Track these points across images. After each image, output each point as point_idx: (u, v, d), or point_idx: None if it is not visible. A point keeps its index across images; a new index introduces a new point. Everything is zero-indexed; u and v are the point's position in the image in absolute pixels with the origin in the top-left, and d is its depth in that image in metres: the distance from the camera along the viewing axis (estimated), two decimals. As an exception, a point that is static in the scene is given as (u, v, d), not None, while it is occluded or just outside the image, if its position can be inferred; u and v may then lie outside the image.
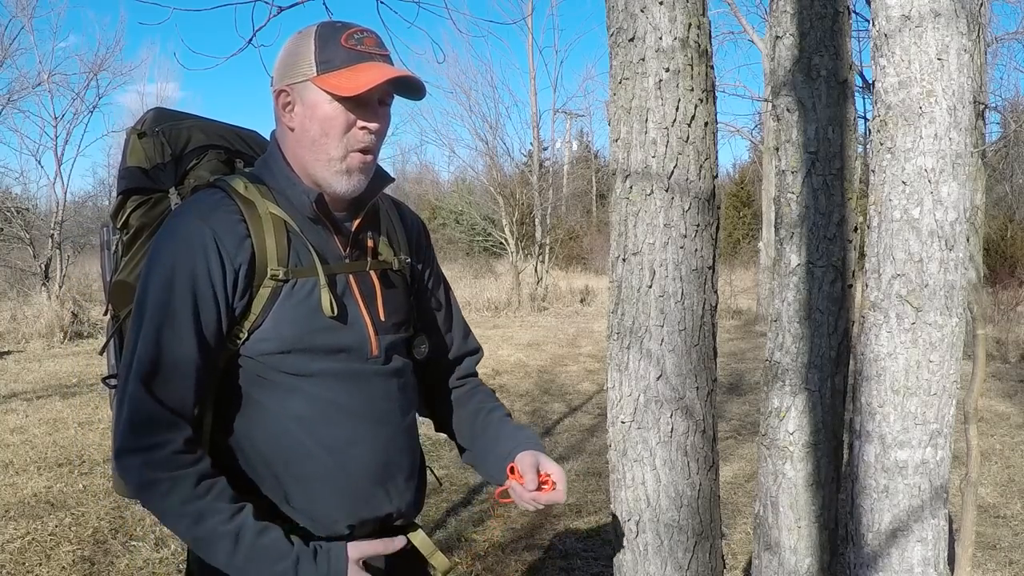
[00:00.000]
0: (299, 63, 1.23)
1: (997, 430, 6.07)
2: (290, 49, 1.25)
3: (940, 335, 1.32)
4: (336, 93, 1.20)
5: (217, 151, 1.44)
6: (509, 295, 15.81)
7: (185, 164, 1.40)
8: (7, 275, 13.61)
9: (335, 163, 1.24)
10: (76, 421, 6.00)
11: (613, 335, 1.71)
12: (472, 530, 3.91)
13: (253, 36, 2.78)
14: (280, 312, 1.21)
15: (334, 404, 1.26)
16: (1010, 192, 18.06)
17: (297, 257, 1.24)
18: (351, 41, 1.23)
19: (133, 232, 1.39)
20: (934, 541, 1.37)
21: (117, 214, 1.40)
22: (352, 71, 1.21)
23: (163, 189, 1.39)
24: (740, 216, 27.61)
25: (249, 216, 1.21)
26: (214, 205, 1.21)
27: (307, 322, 1.22)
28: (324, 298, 1.22)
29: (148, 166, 1.38)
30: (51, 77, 13.15)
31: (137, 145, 1.39)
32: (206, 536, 1.15)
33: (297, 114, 1.24)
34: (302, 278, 1.23)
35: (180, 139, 1.41)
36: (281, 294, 1.22)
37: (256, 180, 1.27)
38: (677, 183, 1.62)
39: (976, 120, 1.91)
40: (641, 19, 1.60)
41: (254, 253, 1.20)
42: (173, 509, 1.15)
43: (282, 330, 1.22)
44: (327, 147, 1.23)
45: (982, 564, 3.63)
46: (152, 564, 3.47)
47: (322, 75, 1.21)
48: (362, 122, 1.24)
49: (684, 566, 1.67)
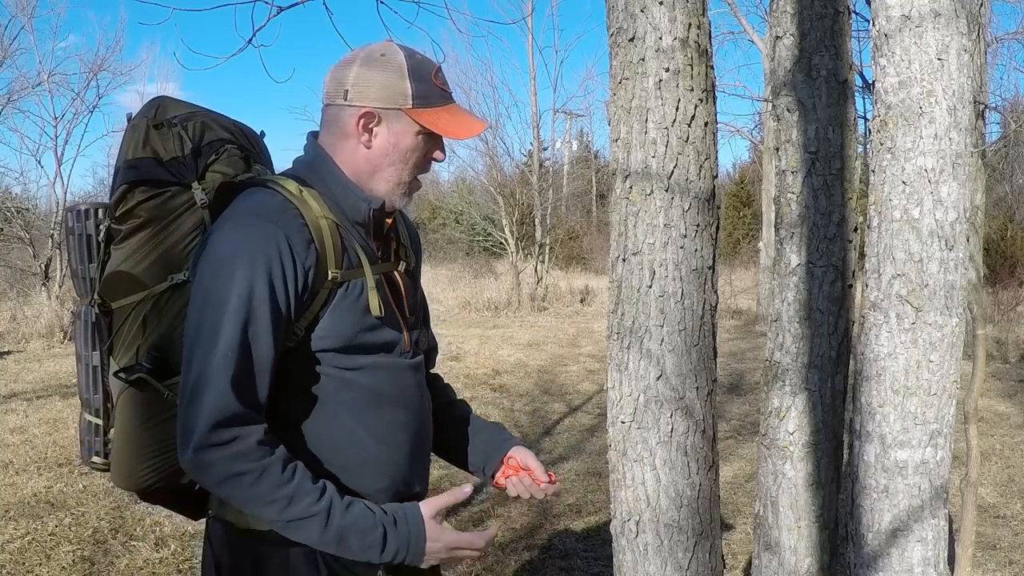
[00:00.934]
0: (392, 91, 1.31)
1: (997, 430, 6.07)
2: (377, 74, 1.31)
3: (940, 335, 1.32)
4: (436, 132, 1.33)
5: (232, 147, 1.45)
6: (509, 295, 15.81)
7: (205, 158, 1.41)
8: (7, 275, 13.61)
9: (403, 186, 1.36)
10: (76, 421, 6.00)
11: (613, 335, 1.71)
12: (472, 530, 3.91)
13: (253, 36, 2.79)
14: (336, 312, 1.29)
15: (381, 395, 1.36)
16: (1010, 192, 18.06)
17: (348, 259, 1.32)
18: (438, 80, 1.35)
19: (140, 223, 1.37)
20: (934, 541, 1.37)
21: (119, 203, 1.37)
22: (447, 112, 1.34)
23: (181, 183, 1.38)
24: (740, 216, 27.60)
25: (309, 220, 1.28)
26: (281, 208, 1.27)
27: (359, 322, 1.31)
28: (373, 300, 1.32)
29: (165, 157, 1.37)
30: (51, 77, 13.16)
31: (154, 135, 1.38)
32: (298, 517, 1.22)
33: (378, 135, 1.32)
34: (352, 279, 1.31)
35: (196, 132, 1.41)
36: (336, 295, 1.29)
37: (304, 183, 1.33)
38: (677, 183, 1.62)
39: (976, 120, 1.91)
40: (641, 19, 1.60)
41: (318, 257, 1.27)
42: (264, 496, 1.20)
43: (338, 329, 1.29)
44: (401, 172, 1.35)
45: (982, 564, 3.63)
46: (152, 564, 3.47)
47: (417, 109, 1.31)
48: (436, 153, 1.38)
49: (684, 566, 1.67)
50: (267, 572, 1.32)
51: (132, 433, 1.37)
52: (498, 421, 1.73)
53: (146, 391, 1.35)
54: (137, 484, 1.40)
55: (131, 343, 1.37)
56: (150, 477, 1.38)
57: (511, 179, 18.67)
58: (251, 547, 1.33)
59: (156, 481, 1.39)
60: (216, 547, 1.37)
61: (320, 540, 1.24)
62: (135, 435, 1.37)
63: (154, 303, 1.36)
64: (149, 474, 1.38)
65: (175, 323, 1.35)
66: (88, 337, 1.40)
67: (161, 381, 1.34)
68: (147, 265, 1.35)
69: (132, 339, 1.37)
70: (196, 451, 1.18)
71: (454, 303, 15.69)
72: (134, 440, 1.37)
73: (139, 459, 1.37)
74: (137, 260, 1.37)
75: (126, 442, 1.38)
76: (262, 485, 1.20)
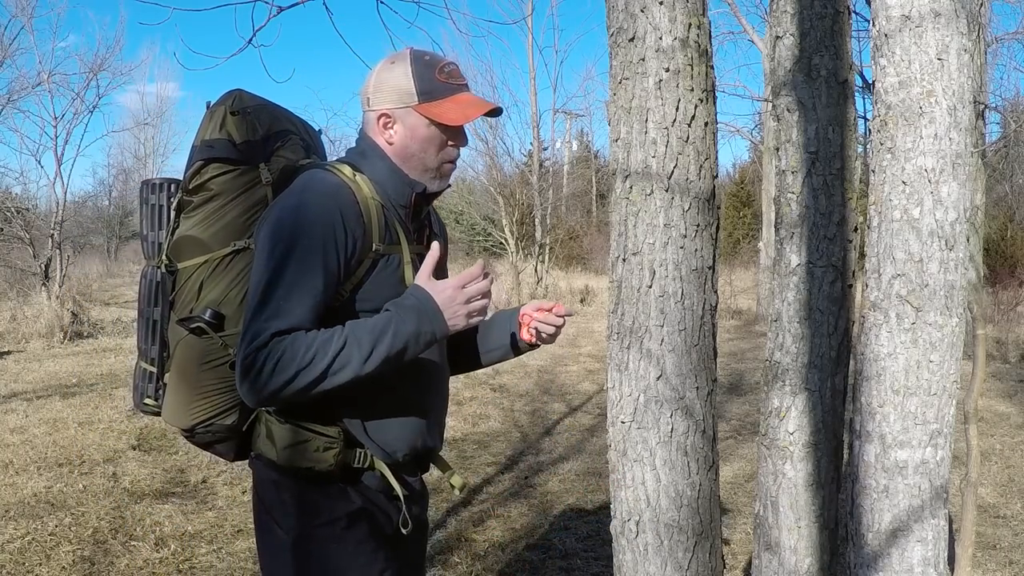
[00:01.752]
0: (399, 91, 1.52)
1: (997, 430, 6.07)
2: (388, 77, 1.53)
3: (940, 335, 1.32)
4: (439, 121, 1.52)
5: (296, 137, 1.64)
6: (509, 295, 15.80)
7: (272, 144, 1.58)
8: (7, 275, 13.61)
9: (431, 171, 1.57)
10: (76, 421, 6.00)
11: (613, 335, 1.71)
12: (472, 530, 3.91)
13: (253, 36, 2.79)
14: (377, 279, 1.50)
15: None
16: (1010, 192, 18.06)
17: (390, 236, 1.52)
18: (443, 74, 1.53)
19: (211, 196, 1.53)
20: (934, 541, 1.37)
21: (193, 177, 1.53)
22: (452, 102, 1.52)
23: (250, 163, 1.55)
24: (740, 216, 27.60)
25: (360, 199, 1.48)
26: (337, 186, 1.47)
27: (395, 289, 1.51)
28: (408, 273, 1.54)
29: (238, 140, 1.53)
30: (51, 77, 13.13)
31: (231, 120, 1.54)
32: (334, 353, 1.38)
33: (397, 133, 1.54)
34: (392, 253, 1.52)
35: (266, 121, 1.59)
36: (378, 265, 1.50)
37: (357, 169, 1.53)
38: (677, 183, 1.62)
39: (976, 120, 1.91)
40: (641, 19, 1.60)
41: (365, 230, 1.47)
42: (303, 363, 1.37)
43: (377, 293, 1.49)
44: (425, 160, 1.56)
45: (982, 564, 3.63)
46: (152, 564, 3.47)
47: (423, 104, 1.51)
48: (453, 142, 1.57)
49: (684, 566, 1.67)
50: (308, 504, 1.52)
51: (189, 374, 1.54)
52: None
53: (203, 338, 1.52)
54: (189, 421, 1.55)
55: (191, 298, 1.53)
56: (201, 414, 1.54)
57: (511, 179, 18.68)
58: (293, 484, 1.52)
59: (206, 418, 1.54)
60: (262, 488, 1.58)
61: (363, 363, 1.40)
62: (192, 375, 1.54)
63: (217, 265, 1.53)
64: (200, 411, 1.54)
65: (234, 283, 1.53)
66: (151, 294, 1.58)
67: (217, 332, 1.51)
68: (214, 231, 1.53)
69: (192, 295, 1.53)
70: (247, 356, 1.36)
71: (454, 303, 15.64)
72: (190, 380, 1.54)
73: (193, 397, 1.54)
74: (206, 227, 1.53)
75: (182, 381, 1.55)
76: (298, 354, 1.36)
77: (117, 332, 11.25)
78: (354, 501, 1.55)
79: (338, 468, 1.51)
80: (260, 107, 1.59)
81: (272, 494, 1.56)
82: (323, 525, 1.52)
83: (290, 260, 1.40)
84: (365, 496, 1.56)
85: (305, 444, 1.49)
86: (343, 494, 1.54)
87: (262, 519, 1.59)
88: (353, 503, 1.55)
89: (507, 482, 4.70)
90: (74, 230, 14.27)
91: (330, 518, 1.53)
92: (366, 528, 1.56)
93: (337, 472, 1.51)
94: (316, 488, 1.53)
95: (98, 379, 7.84)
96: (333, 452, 1.49)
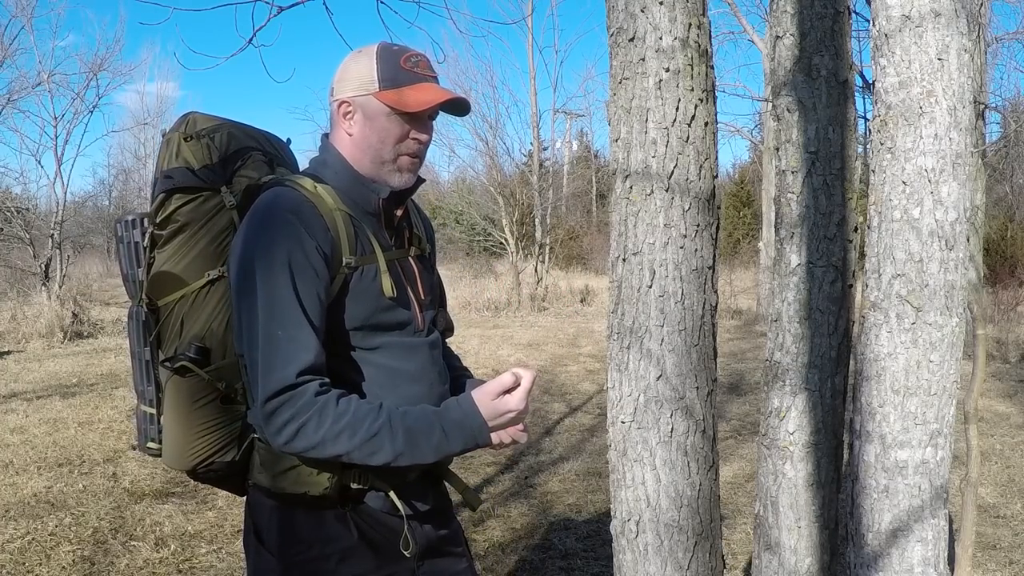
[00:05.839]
0: (362, 79, 1.46)
1: (997, 430, 6.07)
2: (352, 66, 1.48)
3: (940, 335, 1.32)
4: (398, 108, 1.44)
5: (257, 153, 1.59)
6: (509, 295, 15.80)
7: (232, 165, 1.54)
8: (7, 275, 13.61)
9: (388, 164, 1.49)
10: (76, 421, 6.00)
11: (613, 335, 1.71)
12: (472, 530, 3.91)
13: (253, 36, 2.79)
14: (353, 294, 1.43)
15: (398, 371, 1.49)
16: (1010, 192, 18.06)
17: (361, 247, 1.45)
18: (408, 63, 1.47)
19: (179, 227, 1.50)
20: (934, 541, 1.37)
21: (158, 211, 1.50)
22: (412, 90, 1.45)
23: (211, 187, 1.51)
24: (740, 216, 27.59)
25: (324, 212, 1.41)
26: (298, 201, 1.41)
27: (373, 303, 1.45)
28: (385, 283, 1.45)
29: (196, 166, 1.50)
30: (51, 77, 13.15)
31: (184, 147, 1.51)
32: (367, 437, 1.35)
33: (357, 122, 1.48)
34: (366, 265, 1.45)
35: (223, 142, 1.54)
36: (352, 279, 1.43)
37: (319, 180, 1.47)
38: (677, 183, 1.62)
39: (976, 120, 1.91)
40: (641, 19, 1.60)
41: (334, 244, 1.41)
42: (329, 433, 1.33)
43: (356, 310, 1.43)
44: (382, 152, 1.47)
45: (982, 564, 3.63)
46: (152, 564, 3.47)
47: (384, 91, 1.44)
48: (415, 133, 1.48)
49: (684, 566, 1.67)
50: (302, 533, 1.46)
51: (182, 414, 1.49)
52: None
53: (188, 377, 1.47)
54: (189, 462, 1.50)
55: (175, 335, 1.49)
56: (200, 454, 1.49)
57: (511, 179, 18.67)
58: (286, 510, 1.47)
59: (205, 458, 1.49)
60: (255, 513, 1.52)
61: (394, 452, 1.36)
62: (184, 416, 1.48)
63: (195, 298, 1.49)
64: (198, 451, 1.49)
65: (214, 314, 1.48)
66: (140, 334, 1.53)
67: (203, 368, 1.46)
68: (186, 264, 1.49)
69: (176, 331, 1.49)
70: (265, 417, 1.33)
71: (454, 303, 15.67)
72: (183, 420, 1.48)
73: (189, 438, 1.48)
74: (177, 260, 1.50)
75: (176, 423, 1.49)
76: (324, 425, 1.32)
77: (117, 332, 11.24)
78: (351, 532, 1.47)
79: (334, 492, 1.44)
80: (215, 128, 1.54)
81: (264, 519, 1.50)
82: (315, 560, 1.46)
83: (274, 294, 1.35)
84: (367, 523, 1.49)
85: (297, 468, 1.42)
86: (341, 521, 1.47)
87: (252, 542, 1.53)
88: (351, 534, 1.47)
89: (507, 482, 4.70)
90: (74, 230, 14.26)
91: (322, 552, 1.46)
92: (365, 561, 1.49)
93: (334, 496, 1.44)
94: (312, 516, 1.46)
95: (98, 379, 7.84)
96: (327, 475, 1.42)
